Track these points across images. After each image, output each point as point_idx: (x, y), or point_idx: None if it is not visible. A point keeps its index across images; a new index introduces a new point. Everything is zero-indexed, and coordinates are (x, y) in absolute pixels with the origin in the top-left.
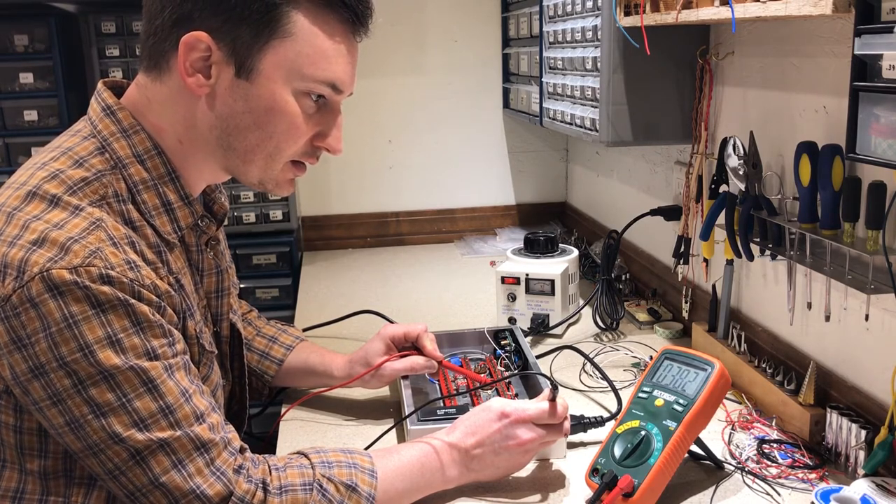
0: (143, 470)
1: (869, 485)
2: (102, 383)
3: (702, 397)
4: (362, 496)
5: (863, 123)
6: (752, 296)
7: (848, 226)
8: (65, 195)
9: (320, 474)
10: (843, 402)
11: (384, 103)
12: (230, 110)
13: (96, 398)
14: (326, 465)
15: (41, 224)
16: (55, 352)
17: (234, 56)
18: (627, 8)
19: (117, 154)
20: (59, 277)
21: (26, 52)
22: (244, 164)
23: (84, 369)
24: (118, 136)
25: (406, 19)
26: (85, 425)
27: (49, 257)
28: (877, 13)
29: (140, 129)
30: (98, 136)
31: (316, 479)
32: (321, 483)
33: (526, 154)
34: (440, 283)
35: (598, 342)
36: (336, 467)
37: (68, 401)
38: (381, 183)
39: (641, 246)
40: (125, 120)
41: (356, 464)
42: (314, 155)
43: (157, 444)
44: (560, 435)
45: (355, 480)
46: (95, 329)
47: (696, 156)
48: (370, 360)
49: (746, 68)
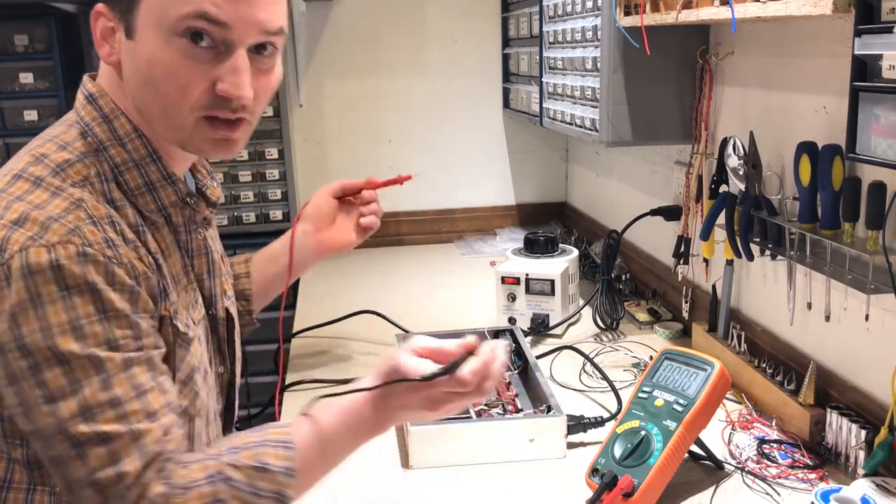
0: (82, 463)
1: (869, 485)
2: (57, 367)
3: (702, 397)
4: (276, 472)
5: (863, 123)
6: (752, 296)
7: (848, 226)
8: (48, 177)
9: (225, 463)
10: (843, 402)
11: (384, 103)
12: (128, 73)
13: (49, 382)
14: (233, 450)
15: (23, 205)
16: (16, 331)
17: (123, 19)
18: (627, 8)
19: (98, 137)
20: (36, 256)
21: (26, 52)
22: (156, 127)
23: (41, 352)
24: (99, 121)
25: (406, 19)
26: (34, 409)
27: (29, 236)
28: (877, 13)
29: (121, 114)
30: (81, 122)
31: (220, 470)
32: (225, 472)
33: (526, 154)
34: (440, 283)
35: (598, 342)
36: (244, 451)
37: (23, 382)
38: None
39: (641, 246)
40: (106, 106)
41: (266, 441)
42: (223, 106)
43: (100, 437)
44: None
45: (265, 458)
46: (59, 312)
47: (696, 156)
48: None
49: (746, 68)
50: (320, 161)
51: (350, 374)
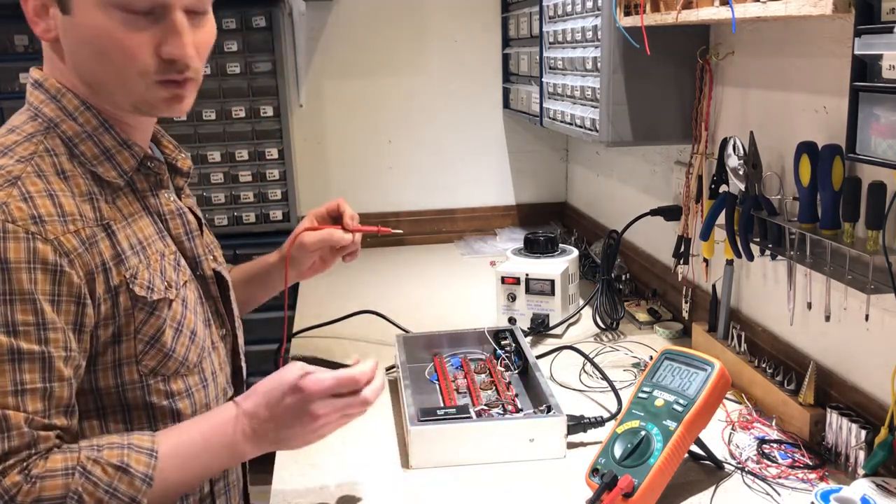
0: None
1: (869, 485)
2: None
3: (702, 397)
4: (135, 476)
5: (863, 123)
6: (752, 296)
7: (848, 226)
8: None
9: (85, 457)
10: (843, 402)
11: (384, 103)
12: (71, 48)
13: None
14: (95, 448)
15: None
16: None
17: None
18: (627, 8)
19: (48, 116)
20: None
21: (26, 52)
22: (107, 94)
23: None
24: (47, 102)
25: (406, 19)
26: None
27: None
28: (877, 13)
29: (66, 91)
30: (31, 107)
31: (80, 463)
32: (85, 466)
33: (526, 154)
34: (440, 283)
35: (598, 342)
36: (107, 449)
37: None
38: (381, 183)
39: (641, 246)
40: (52, 88)
41: (132, 444)
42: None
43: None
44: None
45: (126, 461)
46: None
47: (696, 156)
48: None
49: (746, 68)
50: (320, 161)
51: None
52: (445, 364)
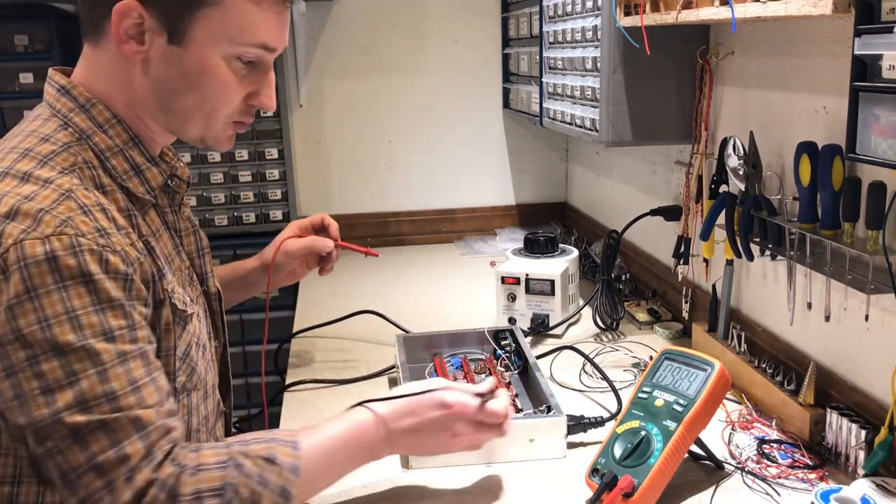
0: (81, 448)
1: (869, 485)
2: (54, 359)
3: (702, 397)
4: (283, 467)
5: (863, 123)
6: (752, 296)
7: (848, 226)
8: (35, 170)
9: (236, 451)
10: (843, 402)
11: (384, 103)
12: (165, 75)
13: (47, 374)
14: (243, 443)
15: (13, 198)
16: (13, 323)
17: (166, 23)
18: (627, 8)
19: (79, 127)
20: (31, 249)
21: (26, 52)
22: (184, 124)
23: (39, 343)
24: (77, 111)
25: (406, 19)
26: (31, 400)
27: (22, 229)
28: (877, 13)
29: (97, 102)
30: (59, 115)
31: (231, 457)
32: (236, 459)
33: (526, 154)
34: (440, 283)
35: (598, 342)
36: (254, 443)
37: (20, 374)
38: (381, 183)
39: (641, 246)
40: (80, 96)
41: (276, 438)
42: (249, 113)
43: (98, 423)
44: (498, 436)
45: (273, 453)
46: (55, 303)
47: (696, 156)
48: (277, 244)
49: (746, 68)
50: (320, 161)
51: (350, 374)
52: (445, 364)
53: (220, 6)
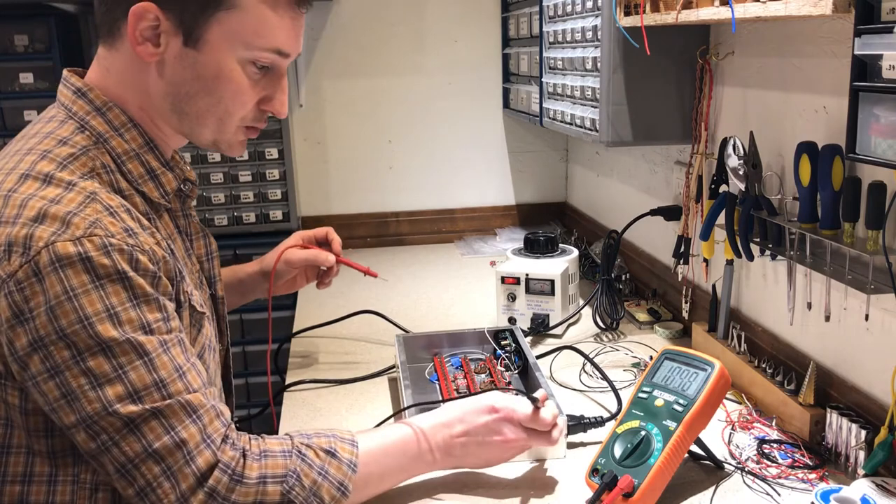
0: (136, 438)
1: (869, 485)
2: (100, 355)
3: (702, 397)
4: (343, 462)
5: (863, 123)
6: (752, 296)
7: (848, 226)
8: (56, 172)
9: (299, 442)
10: (843, 402)
11: (384, 103)
12: (180, 77)
13: (94, 369)
14: (305, 436)
15: (38, 201)
16: (55, 324)
17: (182, 26)
18: (627, 8)
19: (97, 130)
20: (63, 250)
21: (26, 52)
22: (197, 126)
23: (83, 341)
24: (93, 114)
25: (406, 19)
26: (81, 396)
27: (52, 231)
28: (877, 13)
29: (113, 106)
30: (75, 118)
31: (295, 447)
32: (300, 449)
33: (526, 154)
34: (440, 283)
35: (598, 342)
36: (315, 437)
37: (66, 372)
38: (381, 183)
39: (641, 246)
40: (97, 99)
41: (335, 434)
42: (262, 119)
43: (151, 412)
44: (547, 443)
45: (335, 447)
46: (95, 302)
47: (696, 156)
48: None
49: (746, 68)
50: (320, 161)
51: (350, 374)
52: (445, 364)
53: (237, 10)
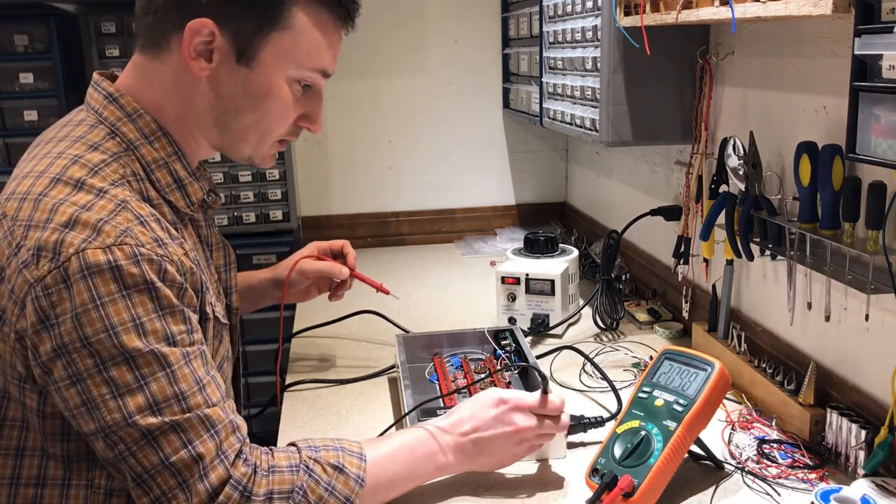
0: (154, 450)
1: (869, 485)
2: (123, 365)
3: (702, 397)
4: (350, 477)
5: (863, 123)
6: (752, 296)
7: (848, 226)
8: (87, 178)
9: (307, 456)
10: (843, 402)
11: (384, 103)
12: (229, 93)
13: (116, 379)
14: (313, 448)
15: (70, 207)
16: (80, 332)
17: (237, 44)
18: (627, 8)
19: (127, 137)
20: (94, 257)
21: (26, 52)
22: (238, 142)
23: (107, 350)
24: (125, 121)
25: (406, 19)
26: (101, 406)
27: (83, 238)
28: (877, 13)
29: (144, 113)
30: (105, 123)
31: (303, 461)
32: (307, 464)
33: (526, 154)
34: (440, 283)
35: (598, 342)
36: (323, 451)
37: (88, 380)
38: (381, 183)
39: (641, 246)
40: (128, 105)
41: (343, 447)
42: (296, 133)
43: (170, 425)
44: (557, 429)
45: (342, 462)
46: (121, 311)
47: (696, 156)
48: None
49: (746, 68)
50: (320, 161)
51: (350, 374)
52: (445, 364)
53: (292, 31)
